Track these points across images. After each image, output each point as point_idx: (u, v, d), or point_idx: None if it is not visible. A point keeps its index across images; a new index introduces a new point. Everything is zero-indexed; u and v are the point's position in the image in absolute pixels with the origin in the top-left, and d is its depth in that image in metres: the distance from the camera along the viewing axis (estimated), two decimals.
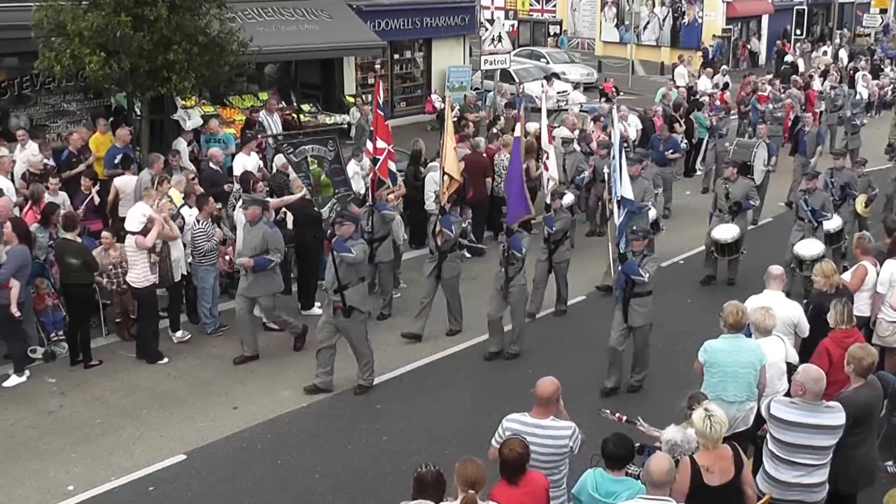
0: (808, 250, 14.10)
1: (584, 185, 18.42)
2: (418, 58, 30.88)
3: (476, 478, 6.45)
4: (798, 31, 46.23)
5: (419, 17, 29.30)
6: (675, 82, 29.60)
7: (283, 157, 16.51)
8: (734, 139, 21.08)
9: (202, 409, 11.58)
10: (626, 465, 6.96)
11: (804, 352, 9.74)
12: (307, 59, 25.70)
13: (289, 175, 16.03)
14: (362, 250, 11.68)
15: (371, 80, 28.79)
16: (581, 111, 24.82)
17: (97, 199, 14.87)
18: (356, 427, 11.15)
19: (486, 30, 28.34)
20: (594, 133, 20.82)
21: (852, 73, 34.52)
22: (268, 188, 15.20)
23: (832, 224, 15.22)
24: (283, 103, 24.14)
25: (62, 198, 14.30)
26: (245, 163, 16.34)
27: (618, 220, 11.99)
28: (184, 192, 14.14)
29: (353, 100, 25.82)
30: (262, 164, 17.47)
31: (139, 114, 18.92)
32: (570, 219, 14.96)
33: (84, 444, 10.80)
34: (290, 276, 14.56)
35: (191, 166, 16.90)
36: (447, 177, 13.34)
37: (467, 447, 7.92)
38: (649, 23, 46.27)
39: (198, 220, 13.45)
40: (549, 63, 37.45)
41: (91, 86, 18.74)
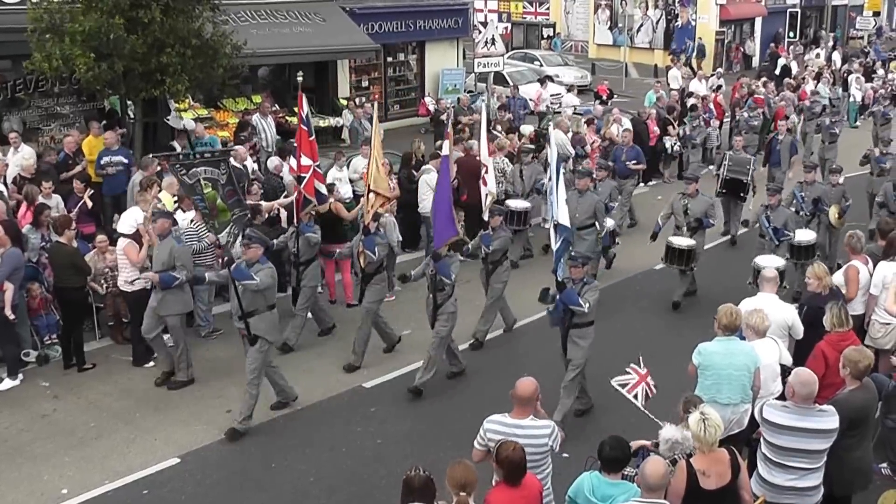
0: (770, 262, 13.16)
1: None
2: (412, 60, 30.89)
3: (466, 480, 6.47)
4: (791, 34, 46.36)
5: (412, 20, 29.31)
6: (662, 84, 29.64)
7: (276, 160, 16.61)
8: (725, 153, 19.24)
9: (196, 412, 11.57)
10: (622, 469, 6.96)
11: (797, 354, 9.76)
12: (301, 62, 25.64)
13: (282, 178, 16.06)
14: (269, 275, 10.90)
15: (365, 84, 28.93)
16: (575, 114, 24.82)
17: (90, 202, 14.84)
18: (350, 430, 11.14)
19: (480, 32, 28.42)
20: (587, 136, 20.86)
21: (846, 76, 34.62)
22: (262, 190, 15.17)
23: (805, 237, 14.55)
24: (277, 106, 24.12)
25: (56, 201, 14.28)
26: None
27: (554, 246, 10.99)
28: (176, 196, 14.12)
29: (346, 102, 25.81)
30: (256, 167, 17.47)
31: (132, 117, 18.90)
32: (509, 237, 13.83)
33: (78, 447, 10.78)
34: (286, 275, 14.48)
35: None
36: (373, 194, 12.65)
37: (462, 450, 7.91)
38: (643, 25, 46.31)
39: (192, 221, 13.42)
40: (542, 66, 37.47)
41: (83, 88, 18.71)
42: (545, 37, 47.72)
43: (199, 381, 12.36)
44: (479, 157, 15.47)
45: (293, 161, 14.04)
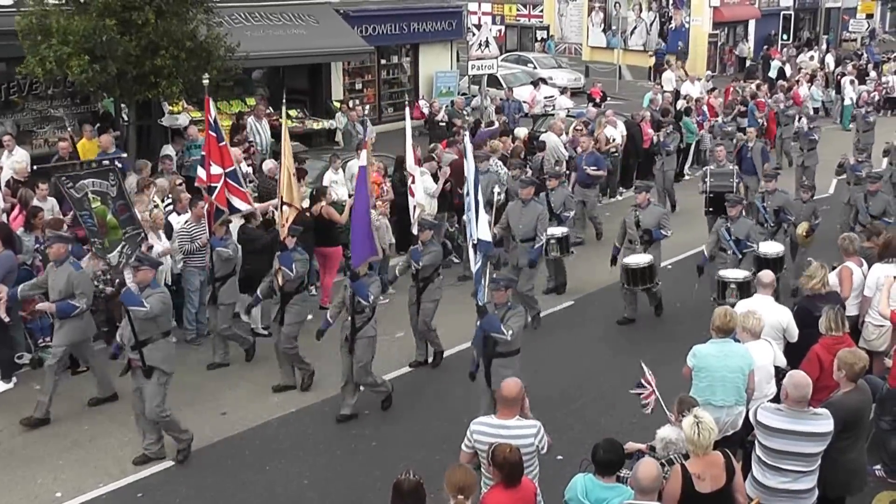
0: (733, 273, 12.99)
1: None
2: (406, 63, 30.91)
3: (465, 483, 6.46)
4: (785, 36, 46.46)
5: (406, 23, 29.36)
6: (661, 86, 29.69)
7: (271, 163, 16.54)
8: (706, 168, 17.85)
9: (190, 414, 11.50)
10: (616, 472, 6.95)
11: (791, 356, 9.77)
12: (294, 65, 25.67)
13: (277, 180, 16.02)
14: (159, 301, 10.08)
15: (359, 86, 28.92)
16: (568, 116, 24.84)
17: None
18: (345, 432, 11.13)
19: (474, 35, 28.45)
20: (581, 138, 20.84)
21: (839, 79, 34.70)
22: (256, 193, 15.16)
23: (771, 249, 13.84)
24: (271, 109, 24.07)
25: (51, 203, 14.23)
26: None
27: (474, 268, 10.29)
28: (171, 198, 14.10)
29: (339, 105, 25.80)
30: (251, 170, 17.45)
31: (126, 119, 18.88)
32: (440, 252, 12.86)
33: (72, 450, 10.76)
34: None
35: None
36: (286, 206, 12.02)
37: (456, 453, 7.91)
38: (636, 28, 46.39)
39: (186, 222, 13.41)
40: (536, 68, 37.54)
41: (77, 91, 18.69)
42: (539, 39, 47.77)
43: (192, 385, 12.30)
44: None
45: (201, 171, 12.73)
